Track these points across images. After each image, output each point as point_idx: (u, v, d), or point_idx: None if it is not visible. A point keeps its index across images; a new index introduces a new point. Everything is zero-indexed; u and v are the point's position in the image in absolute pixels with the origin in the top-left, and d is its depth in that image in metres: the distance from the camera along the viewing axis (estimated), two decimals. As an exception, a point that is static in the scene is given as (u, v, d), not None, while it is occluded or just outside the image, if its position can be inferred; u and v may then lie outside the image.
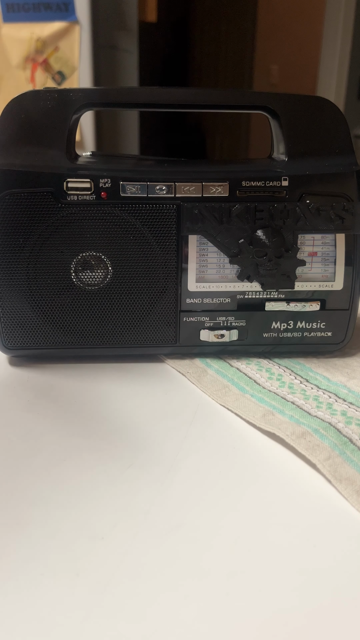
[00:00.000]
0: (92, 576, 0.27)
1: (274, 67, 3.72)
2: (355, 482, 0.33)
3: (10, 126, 0.43)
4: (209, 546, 0.29)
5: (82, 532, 0.30)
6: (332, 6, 2.72)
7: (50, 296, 0.45)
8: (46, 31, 1.70)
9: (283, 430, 0.37)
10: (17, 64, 1.74)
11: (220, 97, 0.46)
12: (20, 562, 0.28)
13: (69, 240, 0.44)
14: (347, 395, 0.42)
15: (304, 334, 0.48)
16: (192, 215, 0.43)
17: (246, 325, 0.47)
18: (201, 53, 3.97)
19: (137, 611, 0.25)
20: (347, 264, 0.46)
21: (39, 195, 0.42)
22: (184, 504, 0.32)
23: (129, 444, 0.37)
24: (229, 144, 4.07)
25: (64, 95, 0.43)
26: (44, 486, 0.33)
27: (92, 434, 0.38)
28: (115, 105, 0.45)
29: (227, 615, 0.25)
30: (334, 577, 0.27)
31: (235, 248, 0.44)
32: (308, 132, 0.45)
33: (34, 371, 0.46)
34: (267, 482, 0.34)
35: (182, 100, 0.46)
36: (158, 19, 2.52)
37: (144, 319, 0.46)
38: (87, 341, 0.46)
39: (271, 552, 0.29)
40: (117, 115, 1.98)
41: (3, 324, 0.45)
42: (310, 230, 0.44)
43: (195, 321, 0.47)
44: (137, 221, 0.44)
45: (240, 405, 0.41)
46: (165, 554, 0.28)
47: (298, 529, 0.30)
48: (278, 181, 0.44)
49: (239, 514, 0.31)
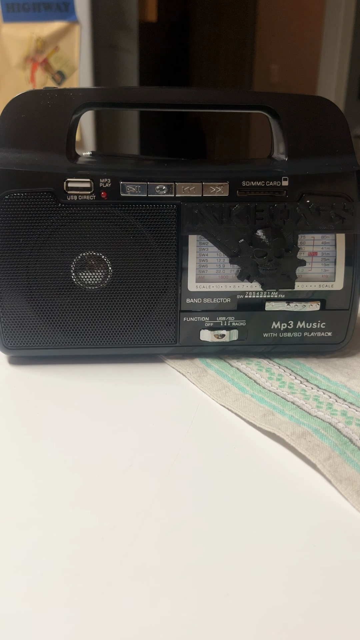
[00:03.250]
0: (92, 576, 0.27)
1: (274, 67, 3.71)
2: (355, 482, 0.33)
3: (10, 126, 0.43)
4: (209, 546, 0.29)
5: (82, 532, 0.30)
6: (332, 6, 2.72)
7: (50, 296, 0.45)
8: (46, 31, 1.70)
9: (283, 430, 0.37)
10: (17, 63, 1.74)
11: (220, 97, 0.46)
12: (20, 562, 0.28)
13: (69, 240, 0.44)
14: (347, 395, 0.42)
15: (304, 334, 0.48)
16: (192, 215, 0.43)
17: (246, 325, 0.47)
18: (201, 53, 3.97)
19: (137, 611, 0.25)
20: (347, 264, 0.46)
21: (39, 195, 0.42)
22: (184, 504, 0.32)
23: (129, 444, 0.37)
24: (229, 144, 4.07)
25: (64, 95, 0.43)
26: (44, 486, 0.33)
27: (92, 434, 0.38)
28: (115, 105, 0.45)
29: (227, 615, 0.25)
30: (334, 577, 0.27)
31: (235, 248, 0.44)
32: (308, 132, 0.45)
33: (34, 371, 0.46)
34: (267, 482, 0.34)
35: (182, 100, 0.46)
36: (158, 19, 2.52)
37: (144, 319, 0.46)
38: (87, 341, 0.46)
39: (271, 552, 0.29)
40: (117, 115, 1.98)
41: (3, 324, 0.45)
42: (310, 230, 0.44)
43: (195, 321, 0.47)
44: (137, 221, 0.44)
45: (240, 405, 0.41)
46: (165, 554, 0.28)
47: (298, 529, 0.30)
48: (278, 181, 0.44)
49: (239, 514, 0.31)
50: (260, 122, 0.83)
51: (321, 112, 0.45)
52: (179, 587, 0.27)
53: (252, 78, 3.90)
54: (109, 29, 1.85)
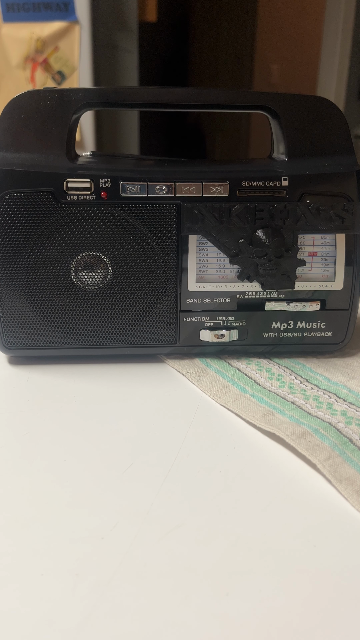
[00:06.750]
0: (92, 576, 0.27)
1: (274, 67, 3.71)
2: (355, 482, 0.33)
3: (10, 126, 0.43)
4: (209, 546, 0.29)
5: (82, 532, 0.30)
6: (332, 6, 2.72)
7: (50, 296, 0.45)
8: (46, 31, 1.70)
9: (283, 430, 0.37)
10: (17, 63, 1.74)
11: (220, 97, 0.46)
12: (20, 562, 0.28)
13: (68, 240, 0.44)
14: (347, 395, 0.42)
15: (304, 334, 0.48)
16: (192, 215, 0.43)
17: (246, 325, 0.47)
18: (201, 53, 3.97)
19: (137, 611, 0.25)
20: (347, 264, 0.46)
21: (39, 195, 0.42)
22: (184, 504, 0.32)
23: (129, 444, 0.37)
24: (229, 144, 4.06)
25: (64, 95, 0.43)
26: (44, 486, 0.33)
27: (92, 434, 0.38)
28: (115, 105, 0.45)
29: (227, 615, 0.25)
30: (334, 577, 0.27)
31: (235, 248, 0.44)
32: (308, 132, 0.45)
33: (34, 371, 0.46)
34: (267, 482, 0.34)
35: (182, 100, 0.46)
36: (158, 19, 2.52)
37: (144, 319, 0.46)
38: (87, 341, 0.46)
39: (271, 552, 0.29)
40: (117, 115, 1.98)
41: (3, 324, 0.45)
42: (310, 230, 0.44)
43: (195, 321, 0.47)
44: (137, 221, 0.44)
45: (240, 405, 0.41)
46: (165, 554, 0.28)
47: (298, 529, 0.30)
48: (278, 181, 0.44)
49: (239, 514, 0.31)
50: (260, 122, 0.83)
51: (321, 112, 0.45)
52: (179, 587, 0.27)
53: (252, 78, 3.90)
54: (109, 29, 1.85)
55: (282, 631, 0.25)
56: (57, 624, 0.25)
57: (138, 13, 1.92)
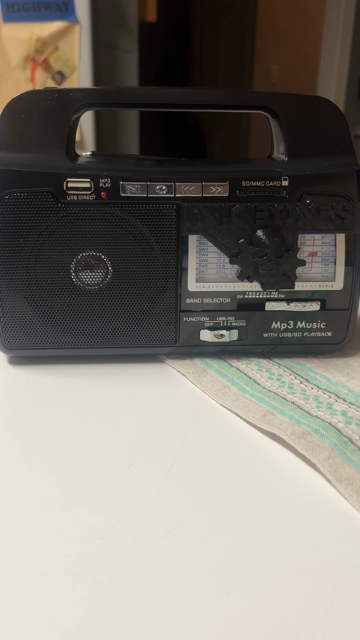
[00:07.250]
0: (92, 576, 0.27)
1: (274, 67, 3.72)
2: (355, 482, 0.33)
3: (10, 126, 0.43)
4: (209, 546, 0.29)
5: (82, 532, 0.30)
6: (332, 6, 2.72)
7: (50, 296, 0.45)
8: (46, 31, 1.70)
9: (283, 430, 0.37)
10: (17, 63, 1.74)
11: (220, 97, 0.46)
12: (20, 562, 0.28)
13: (68, 240, 0.44)
14: (347, 395, 0.42)
15: (304, 334, 0.48)
16: (192, 215, 0.43)
17: (246, 325, 0.47)
18: (201, 53, 3.97)
19: (137, 611, 0.25)
20: (347, 264, 0.46)
21: (39, 195, 0.42)
22: (184, 504, 0.32)
23: (129, 444, 0.37)
24: (229, 144, 4.07)
25: (64, 95, 0.43)
26: (44, 486, 0.33)
27: (92, 434, 0.38)
28: (115, 105, 0.45)
29: (227, 615, 0.25)
30: (334, 577, 0.27)
31: (235, 248, 0.44)
32: (308, 132, 0.45)
33: (34, 371, 0.46)
34: (267, 482, 0.34)
35: (182, 100, 0.46)
36: (158, 19, 2.52)
37: (144, 319, 0.46)
38: (87, 341, 0.46)
39: (271, 552, 0.29)
40: (117, 115, 1.98)
41: (3, 324, 0.45)
42: (310, 230, 0.44)
43: (195, 321, 0.47)
44: (137, 221, 0.44)
45: (240, 405, 0.41)
46: (165, 554, 0.28)
47: (298, 529, 0.30)
48: (278, 181, 0.44)
49: (239, 514, 0.31)
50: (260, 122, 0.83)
51: (321, 112, 0.45)
52: (179, 587, 0.27)
53: (252, 78, 3.90)
54: (108, 29, 1.85)
55: (282, 631, 0.25)
56: (57, 624, 0.25)
57: (138, 13, 1.92)
